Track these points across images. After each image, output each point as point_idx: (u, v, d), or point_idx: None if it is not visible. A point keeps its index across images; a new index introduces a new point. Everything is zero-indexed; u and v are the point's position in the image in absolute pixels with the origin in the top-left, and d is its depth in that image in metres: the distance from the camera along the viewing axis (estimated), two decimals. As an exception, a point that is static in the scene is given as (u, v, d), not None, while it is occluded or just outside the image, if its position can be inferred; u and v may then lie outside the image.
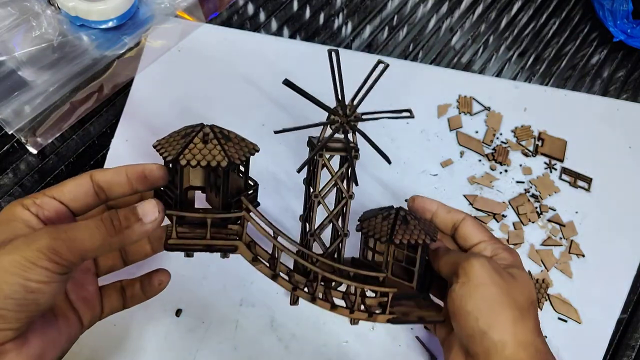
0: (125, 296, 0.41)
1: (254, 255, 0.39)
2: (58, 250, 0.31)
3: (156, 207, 0.34)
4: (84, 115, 0.56)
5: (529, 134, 0.60)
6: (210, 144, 0.36)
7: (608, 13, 0.67)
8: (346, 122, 0.39)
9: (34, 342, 0.33)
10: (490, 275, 0.38)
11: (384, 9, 0.67)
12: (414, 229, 0.42)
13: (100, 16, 0.57)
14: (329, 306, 0.41)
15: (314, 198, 0.41)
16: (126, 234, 0.33)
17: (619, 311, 0.53)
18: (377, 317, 0.41)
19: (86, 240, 0.32)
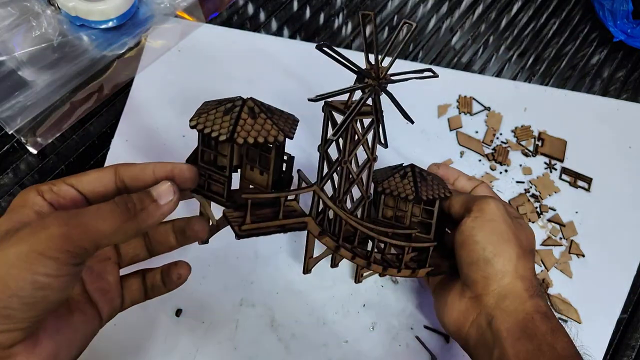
0: (146, 287, 0.38)
1: (322, 229, 0.39)
2: (69, 237, 0.28)
3: (171, 188, 0.32)
4: (84, 115, 0.56)
5: (529, 134, 0.60)
6: (259, 119, 0.34)
7: (608, 13, 0.67)
8: (378, 85, 0.39)
9: (46, 342, 0.30)
10: (503, 214, 0.41)
11: (384, 9, 0.67)
12: (432, 184, 0.45)
13: (100, 16, 0.57)
14: (381, 269, 0.43)
15: (343, 164, 0.41)
16: (142, 217, 0.30)
17: (619, 311, 0.53)
18: (418, 272, 0.43)
19: (100, 225, 0.29)
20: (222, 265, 0.50)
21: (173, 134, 0.55)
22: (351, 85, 0.40)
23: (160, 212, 0.31)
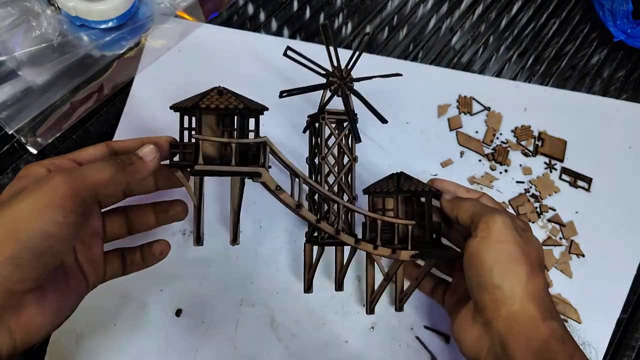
0: (125, 263, 0.42)
1: (277, 185, 0.40)
2: (72, 185, 0.31)
3: (153, 149, 0.38)
4: (84, 115, 0.56)
5: (529, 134, 0.60)
6: (225, 96, 0.40)
7: (608, 13, 0.67)
8: (343, 83, 0.44)
9: (51, 297, 0.34)
10: (510, 232, 0.40)
11: (384, 9, 0.67)
12: (418, 183, 0.45)
13: (100, 16, 0.57)
14: (353, 240, 0.42)
15: (320, 160, 0.44)
16: (130, 169, 0.36)
17: (619, 311, 0.53)
18: (400, 253, 0.42)
19: (96, 176, 0.33)
20: (222, 265, 0.50)
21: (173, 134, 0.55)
22: (318, 84, 0.44)
23: (145, 167, 0.37)
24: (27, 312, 0.32)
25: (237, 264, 0.51)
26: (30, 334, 0.32)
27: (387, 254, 0.43)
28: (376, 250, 0.43)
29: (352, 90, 0.44)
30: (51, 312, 0.34)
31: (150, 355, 0.47)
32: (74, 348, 0.46)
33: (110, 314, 0.47)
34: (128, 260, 0.42)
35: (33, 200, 0.31)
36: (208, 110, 0.38)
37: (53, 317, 0.34)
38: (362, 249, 0.43)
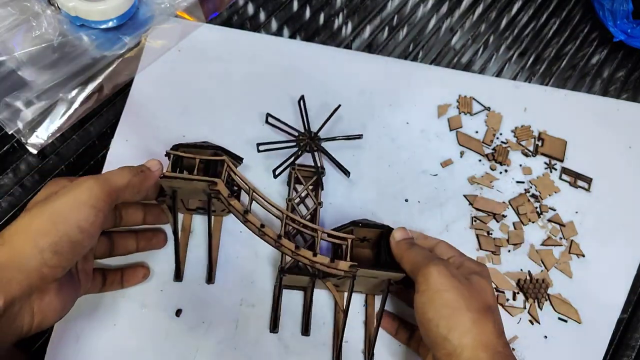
0: (105, 282, 0.46)
1: (230, 192, 0.44)
2: (102, 188, 0.37)
3: (158, 162, 0.43)
4: (84, 115, 0.56)
5: (529, 134, 0.60)
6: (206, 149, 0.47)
7: (608, 13, 0.67)
8: (311, 141, 0.54)
9: (65, 290, 0.38)
10: (448, 280, 0.39)
11: (384, 9, 0.67)
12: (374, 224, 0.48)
13: (100, 16, 0.57)
14: (293, 246, 0.44)
15: (288, 202, 0.50)
16: (142, 176, 0.41)
17: (619, 311, 0.53)
18: (338, 263, 0.43)
19: (119, 178, 0.39)
20: (222, 265, 0.50)
21: (173, 134, 0.55)
22: (289, 139, 0.54)
23: (153, 176, 0.42)
24: (47, 298, 0.36)
25: (237, 264, 0.51)
26: (44, 319, 0.36)
27: (325, 262, 0.43)
28: (315, 258, 0.43)
29: (320, 147, 0.54)
30: (61, 304, 0.38)
31: (150, 355, 0.47)
32: (74, 348, 0.46)
33: (110, 314, 0.47)
34: (108, 280, 0.47)
35: (72, 198, 0.36)
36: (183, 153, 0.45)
37: (62, 309, 0.38)
38: (301, 255, 0.44)
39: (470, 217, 0.55)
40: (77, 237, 0.36)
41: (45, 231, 0.35)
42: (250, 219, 0.44)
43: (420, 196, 0.56)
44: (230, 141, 0.54)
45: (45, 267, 0.35)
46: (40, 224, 0.35)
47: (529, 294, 0.52)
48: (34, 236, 0.35)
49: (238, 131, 0.56)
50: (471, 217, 0.55)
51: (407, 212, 0.55)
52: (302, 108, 0.55)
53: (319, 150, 0.54)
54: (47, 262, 0.35)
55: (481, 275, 0.42)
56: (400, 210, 0.55)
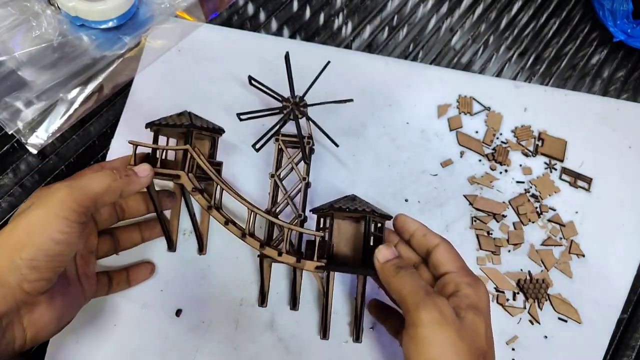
0: (111, 283, 0.46)
1: (194, 186, 0.44)
2: (74, 197, 0.36)
3: (148, 167, 0.42)
4: (84, 115, 0.56)
5: (529, 134, 0.60)
6: (182, 116, 0.46)
7: (608, 13, 0.67)
8: (296, 108, 0.48)
9: (58, 301, 0.38)
10: (440, 331, 0.35)
11: (384, 9, 0.67)
12: (358, 203, 0.45)
13: (100, 16, 0.57)
14: (258, 244, 0.44)
15: (270, 178, 0.48)
16: (125, 180, 0.39)
17: (619, 311, 0.53)
18: (305, 263, 0.43)
19: (95, 185, 0.37)
20: (222, 265, 0.50)
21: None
22: (274, 107, 0.49)
23: (139, 181, 0.41)
24: (38, 311, 0.36)
25: (237, 264, 0.51)
26: (38, 332, 0.36)
27: (291, 261, 0.43)
28: (280, 257, 0.44)
29: (304, 114, 0.48)
30: (57, 315, 0.37)
31: (150, 355, 0.47)
32: (74, 348, 0.46)
33: (110, 314, 0.48)
34: (114, 281, 0.47)
35: (45, 210, 0.35)
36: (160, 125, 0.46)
37: (58, 319, 0.38)
38: (267, 254, 0.44)
39: (470, 217, 0.55)
40: (53, 249, 0.35)
41: (21, 246, 0.34)
42: (215, 215, 0.44)
43: (420, 196, 0.56)
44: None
45: (25, 283, 0.34)
46: (16, 239, 0.34)
47: (529, 294, 0.52)
48: (10, 252, 0.34)
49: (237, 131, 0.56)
50: (471, 217, 0.55)
51: (407, 212, 0.54)
52: (288, 68, 0.48)
53: (304, 117, 0.49)
54: (26, 277, 0.34)
55: (478, 309, 0.38)
56: (400, 210, 0.54)
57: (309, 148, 0.49)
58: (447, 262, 0.41)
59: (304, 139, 0.48)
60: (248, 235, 0.44)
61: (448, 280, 0.40)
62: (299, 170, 0.48)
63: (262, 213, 0.45)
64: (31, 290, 0.34)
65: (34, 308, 0.36)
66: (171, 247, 0.50)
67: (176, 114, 0.47)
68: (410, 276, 0.39)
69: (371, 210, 0.44)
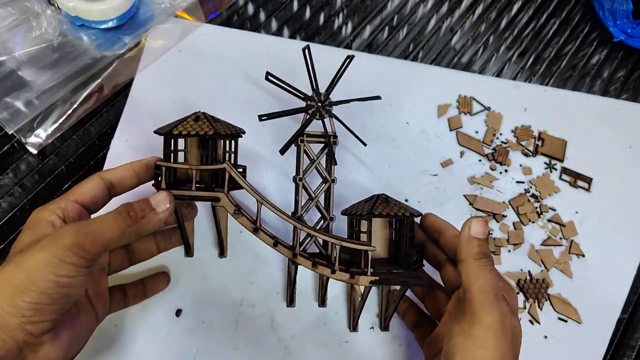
0: (126, 296, 0.45)
1: (236, 207, 0.41)
2: (83, 245, 0.34)
3: (167, 197, 0.38)
4: (84, 115, 0.56)
5: (529, 134, 0.60)
6: (200, 122, 0.42)
7: (608, 13, 0.67)
8: (322, 107, 0.45)
9: (64, 335, 0.36)
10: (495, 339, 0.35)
11: (384, 9, 0.67)
12: (394, 206, 0.43)
13: (100, 16, 0.57)
14: (310, 264, 0.42)
15: (298, 181, 0.45)
16: (142, 223, 0.36)
17: (619, 311, 0.53)
18: (359, 279, 0.42)
19: (106, 232, 0.35)
20: (222, 265, 0.50)
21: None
22: (297, 107, 0.46)
23: (157, 219, 0.37)
24: (43, 350, 0.34)
25: (237, 264, 0.51)
26: None
27: (345, 278, 0.42)
28: (334, 275, 0.42)
29: (330, 113, 0.46)
30: (63, 349, 0.36)
31: (150, 355, 0.47)
32: (74, 348, 0.46)
33: (110, 314, 0.48)
34: (130, 294, 0.46)
35: (49, 255, 0.33)
36: (180, 135, 0.41)
37: (65, 352, 0.36)
38: (320, 272, 0.42)
39: (470, 217, 0.55)
40: (58, 292, 0.33)
41: (23, 288, 0.32)
42: (262, 237, 0.42)
43: (420, 196, 0.56)
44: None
45: (28, 325, 0.33)
46: (18, 281, 0.33)
47: (529, 294, 0.52)
48: (11, 294, 0.32)
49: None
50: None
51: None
52: (308, 63, 0.46)
53: (330, 116, 0.46)
54: (29, 319, 0.33)
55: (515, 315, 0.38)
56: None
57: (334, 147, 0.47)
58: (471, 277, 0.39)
59: (330, 138, 0.46)
60: (299, 256, 0.42)
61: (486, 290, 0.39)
62: (325, 171, 0.47)
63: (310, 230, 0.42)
64: (34, 332, 0.33)
65: (38, 348, 0.34)
66: (189, 253, 0.48)
67: (191, 117, 0.42)
68: (491, 271, 0.38)
69: (410, 214, 0.43)
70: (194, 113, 0.42)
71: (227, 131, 0.42)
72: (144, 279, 0.47)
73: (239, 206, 0.41)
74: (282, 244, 0.42)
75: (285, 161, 0.49)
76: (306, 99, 0.46)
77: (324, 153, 0.46)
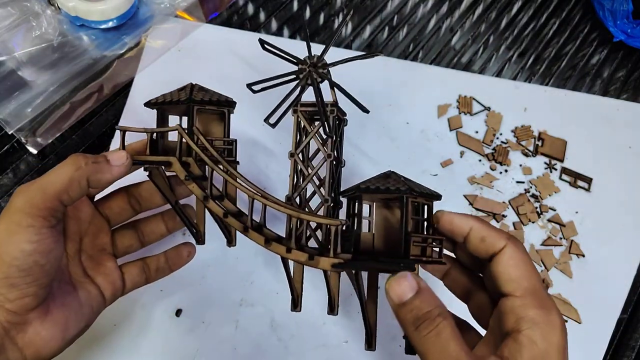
0: (149, 270, 0.43)
1: (187, 174, 0.38)
2: (33, 201, 0.32)
3: (123, 152, 0.37)
4: (84, 115, 0.56)
5: (529, 134, 0.60)
6: (182, 91, 0.40)
7: (608, 13, 0.67)
8: (314, 70, 0.39)
9: (56, 312, 0.34)
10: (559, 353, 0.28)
11: (384, 9, 0.67)
12: (393, 181, 0.35)
13: (100, 16, 0.57)
14: (263, 240, 0.37)
15: (290, 157, 0.39)
16: (92, 168, 0.34)
17: (619, 311, 0.53)
18: (319, 260, 0.35)
19: (55, 181, 0.33)
20: (222, 265, 0.50)
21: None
22: (287, 72, 0.40)
23: (109, 169, 0.36)
24: (32, 328, 0.33)
25: (237, 264, 0.51)
26: (39, 350, 0.33)
27: (302, 259, 0.36)
28: (289, 254, 0.36)
29: (325, 77, 0.39)
30: (58, 326, 0.34)
31: (150, 355, 0.47)
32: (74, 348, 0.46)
33: (110, 314, 0.47)
34: (152, 268, 0.43)
35: (5, 223, 0.31)
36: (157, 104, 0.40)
37: (61, 330, 0.35)
38: (273, 250, 0.37)
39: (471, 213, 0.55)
40: (26, 262, 0.31)
41: None
42: (211, 206, 0.37)
43: (420, 196, 0.56)
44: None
45: (6, 303, 0.31)
46: None
47: (529, 294, 0.52)
48: None
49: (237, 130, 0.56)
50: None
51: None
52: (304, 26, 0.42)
53: (325, 80, 0.39)
54: (5, 297, 0.31)
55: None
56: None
57: (332, 118, 0.39)
58: (511, 278, 0.31)
59: (327, 106, 0.38)
60: (251, 230, 0.37)
61: (508, 308, 0.30)
62: (321, 145, 0.39)
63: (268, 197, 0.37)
64: (17, 309, 0.32)
65: (25, 327, 0.32)
66: (199, 240, 0.43)
67: (179, 88, 0.41)
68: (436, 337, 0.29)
69: (408, 188, 0.34)
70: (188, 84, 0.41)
71: (206, 98, 0.39)
72: (166, 251, 0.44)
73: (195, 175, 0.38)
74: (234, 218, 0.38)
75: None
76: (298, 62, 0.40)
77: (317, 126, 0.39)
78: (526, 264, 0.31)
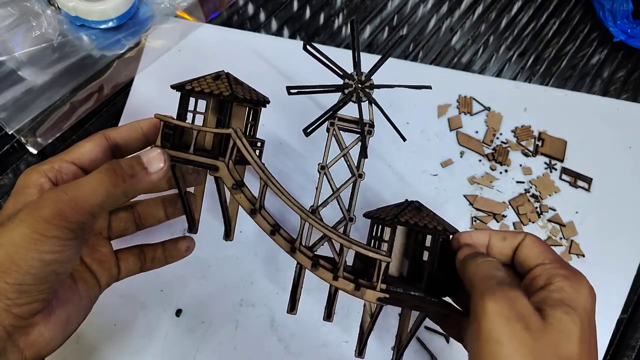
0: (144, 258, 0.41)
1: (235, 182, 0.36)
2: (64, 214, 0.29)
3: (161, 155, 0.34)
4: (84, 115, 0.56)
5: (529, 134, 0.60)
6: (220, 81, 0.37)
7: (608, 13, 0.67)
8: (360, 88, 0.39)
9: (59, 311, 0.33)
10: (507, 326, 0.28)
11: (384, 9, 0.67)
12: (426, 216, 0.38)
13: (100, 16, 0.57)
14: (310, 263, 0.37)
15: (320, 170, 0.39)
16: (131, 183, 0.32)
17: (619, 311, 0.53)
18: (365, 292, 0.36)
19: (90, 196, 0.30)
20: (222, 266, 0.50)
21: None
22: (332, 84, 0.40)
23: (149, 179, 0.33)
24: (36, 331, 0.32)
25: (237, 264, 0.51)
26: (40, 350, 0.32)
27: (349, 288, 0.36)
28: (336, 282, 0.36)
29: (370, 97, 0.39)
30: (60, 325, 0.33)
31: (150, 355, 0.47)
32: (74, 348, 0.46)
33: (110, 314, 0.48)
34: (148, 256, 0.41)
35: (28, 230, 0.29)
36: (193, 92, 0.37)
37: (62, 328, 0.34)
38: (319, 275, 0.37)
39: (470, 217, 0.55)
40: (43, 271, 0.30)
41: (4, 269, 0.29)
42: (259, 222, 0.36)
43: (420, 196, 0.56)
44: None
45: (14, 308, 0.29)
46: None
47: (529, 294, 0.52)
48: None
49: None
50: (471, 217, 0.55)
51: (407, 212, 0.55)
52: (354, 36, 0.39)
53: (369, 101, 0.40)
54: (14, 302, 0.29)
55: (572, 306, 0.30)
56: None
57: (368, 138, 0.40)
58: (536, 255, 0.34)
59: (365, 126, 0.39)
60: (299, 251, 0.37)
61: (538, 272, 0.33)
62: (352, 163, 0.40)
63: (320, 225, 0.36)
64: (22, 314, 0.30)
65: (29, 330, 0.31)
66: (193, 229, 0.42)
67: (212, 75, 0.38)
68: (487, 263, 0.33)
69: (443, 229, 0.37)
70: (217, 72, 0.38)
71: (247, 96, 0.37)
72: (165, 242, 0.42)
73: (241, 182, 0.36)
74: (281, 235, 0.37)
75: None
76: (345, 76, 0.39)
77: (357, 141, 0.40)
78: (547, 246, 0.35)
